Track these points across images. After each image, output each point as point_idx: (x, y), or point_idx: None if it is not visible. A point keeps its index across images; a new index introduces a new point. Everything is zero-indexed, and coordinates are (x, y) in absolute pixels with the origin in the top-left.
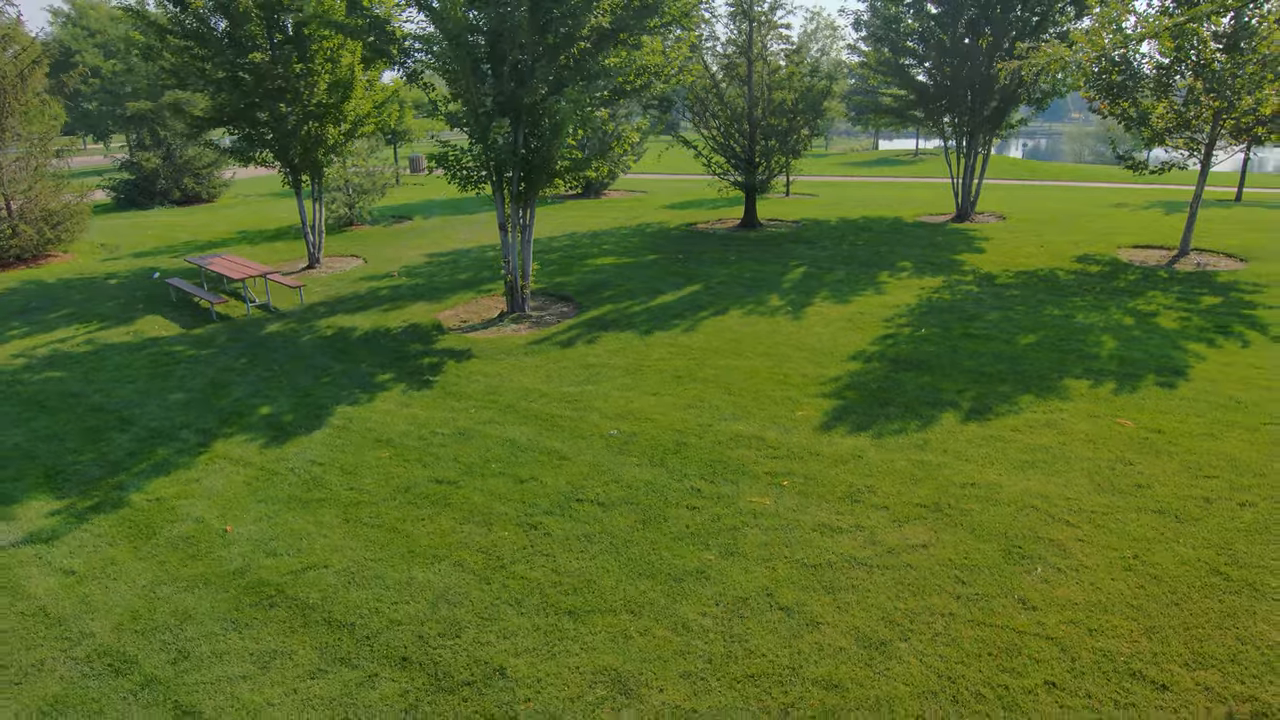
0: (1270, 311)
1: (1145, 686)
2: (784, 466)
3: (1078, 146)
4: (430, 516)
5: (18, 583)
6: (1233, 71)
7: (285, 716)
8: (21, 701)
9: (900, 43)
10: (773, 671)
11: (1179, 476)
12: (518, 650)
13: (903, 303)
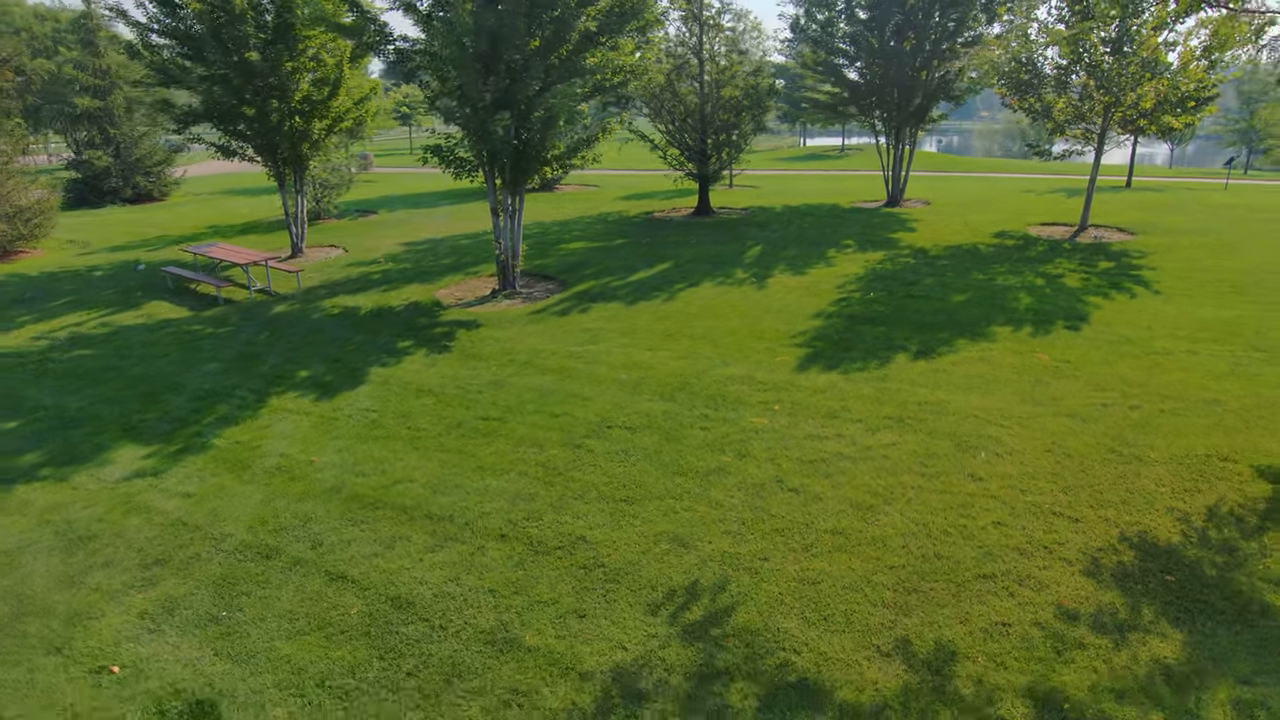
0: (1152, 272)
1: (1064, 521)
2: (773, 396)
3: (986, 142)
4: (486, 443)
5: (146, 504)
6: (1118, 71)
7: (420, 576)
8: (195, 579)
9: (834, 44)
10: (791, 527)
11: (1083, 391)
12: (591, 526)
13: (851, 273)
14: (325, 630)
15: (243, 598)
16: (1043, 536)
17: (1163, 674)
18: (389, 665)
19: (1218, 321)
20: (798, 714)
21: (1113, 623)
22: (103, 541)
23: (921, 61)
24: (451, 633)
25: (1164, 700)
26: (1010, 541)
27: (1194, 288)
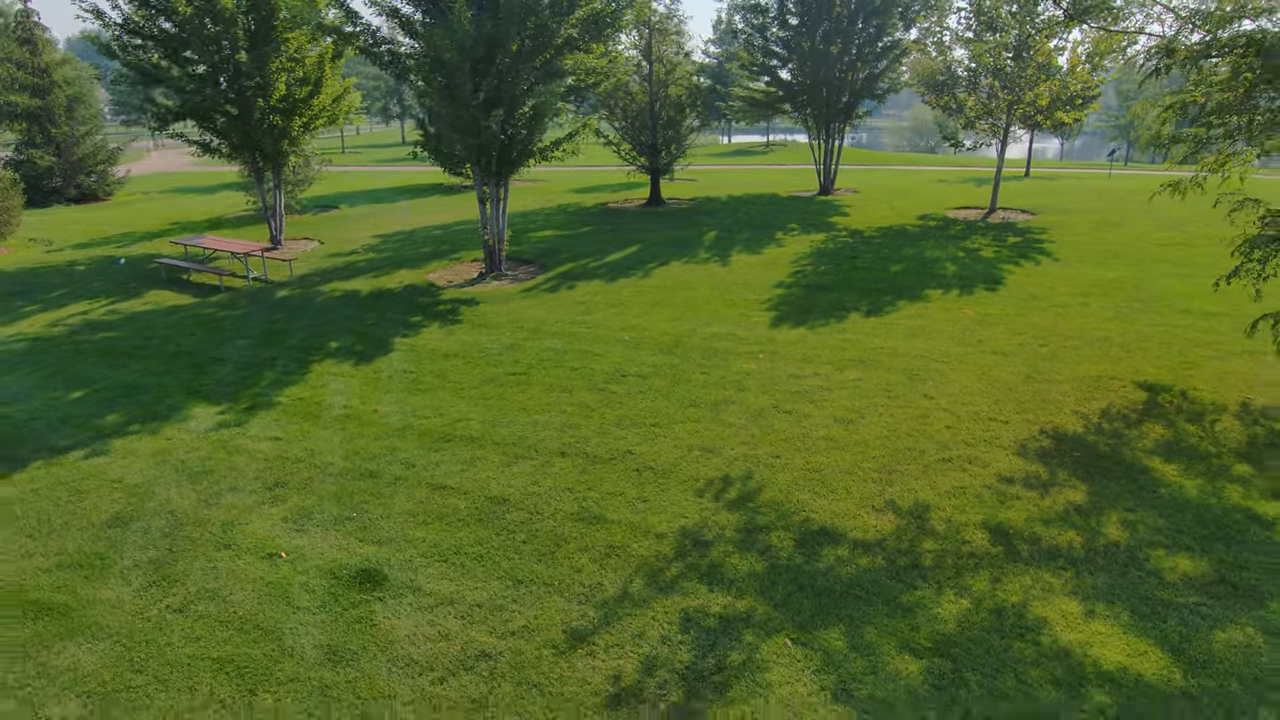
0: (1051, 244)
1: (997, 423)
2: (755, 348)
3: (896, 139)
4: (521, 391)
5: (242, 447)
6: (1018, 73)
7: (505, 482)
8: (316, 495)
9: (769, 47)
10: (792, 437)
11: (1003, 335)
12: (632, 444)
13: (800, 251)
14: (444, 520)
15: (363, 505)
16: (982, 433)
17: (1074, 509)
18: (505, 539)
19: (1104, 280)
20: (824, 547)
21: (1038, 482)
22: (220, 474)
23: (848, 64)
24: (546, 516)
25: (1075, 524)
26: (959, 437)
27: (1084, 255)
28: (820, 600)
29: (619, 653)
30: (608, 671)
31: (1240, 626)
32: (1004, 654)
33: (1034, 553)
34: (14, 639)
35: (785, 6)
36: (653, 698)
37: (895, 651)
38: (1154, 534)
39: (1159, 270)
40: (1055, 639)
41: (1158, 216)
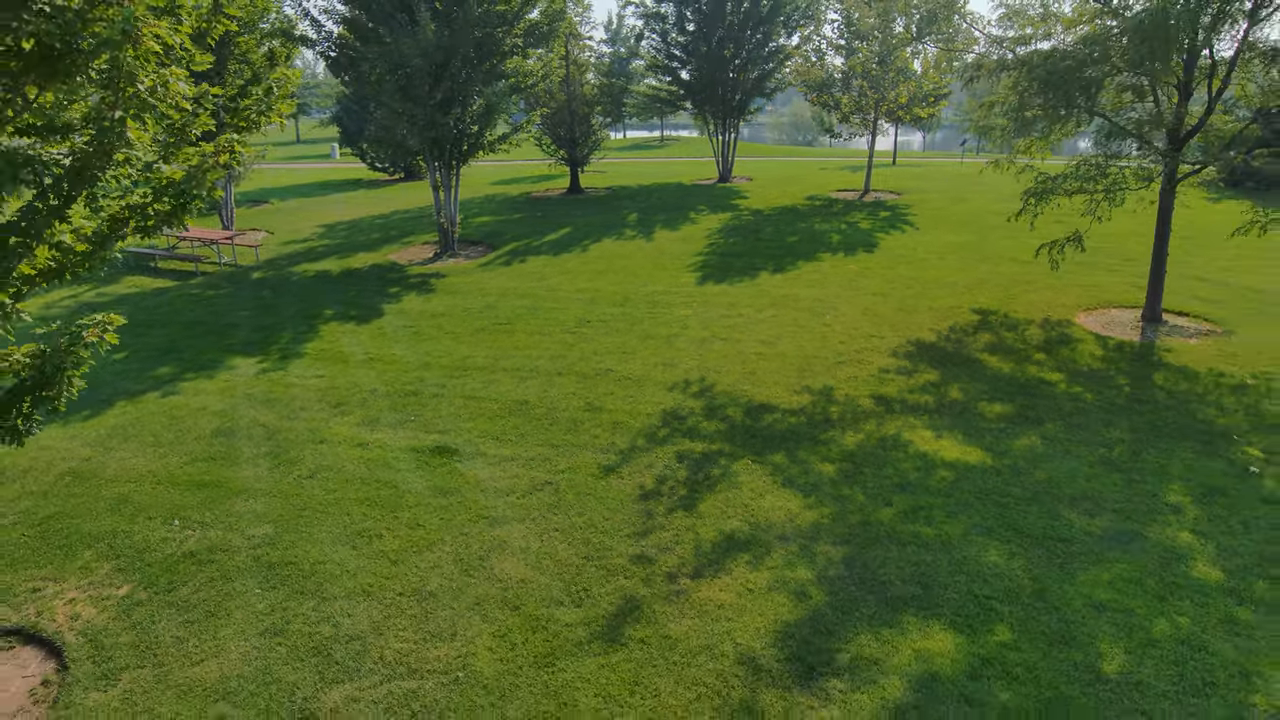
0: (914, 217)
1: (876, 339)
2: (689, 299)
3: (776, 133)
4: (509, 336)
5: (292, 383)
6: (882, 76)
7: (522, 393)
8: (375, 408)
9: (670, 50)
10: (729, 354)
11: (879, 283)
12: (610, 365)
13: (712, 228)
14: (484, 416)
15: (416, 412)
16: (866, 345)
17: (929, 384)
18: (536, 424)
19: (954, 242)
20: (764, 414)
21: (905, 371)
22: (286, 401)
23: (740, 66)
24: (561, 409)
25: (930, 391)
26: (850, 348)
27: (939, 224)
28: (766, 440)
29: (639, 475)
30: (634, 484)
31: (1028, 437)
32: (885, 458)
33: (903, 408)
34: (191, 501)
35: (683, 15)
36: (667, 494)
37: (818, 462)
38: (980, 394)
39: (995, 234)
40: (917, 449)
41: (995, 193)
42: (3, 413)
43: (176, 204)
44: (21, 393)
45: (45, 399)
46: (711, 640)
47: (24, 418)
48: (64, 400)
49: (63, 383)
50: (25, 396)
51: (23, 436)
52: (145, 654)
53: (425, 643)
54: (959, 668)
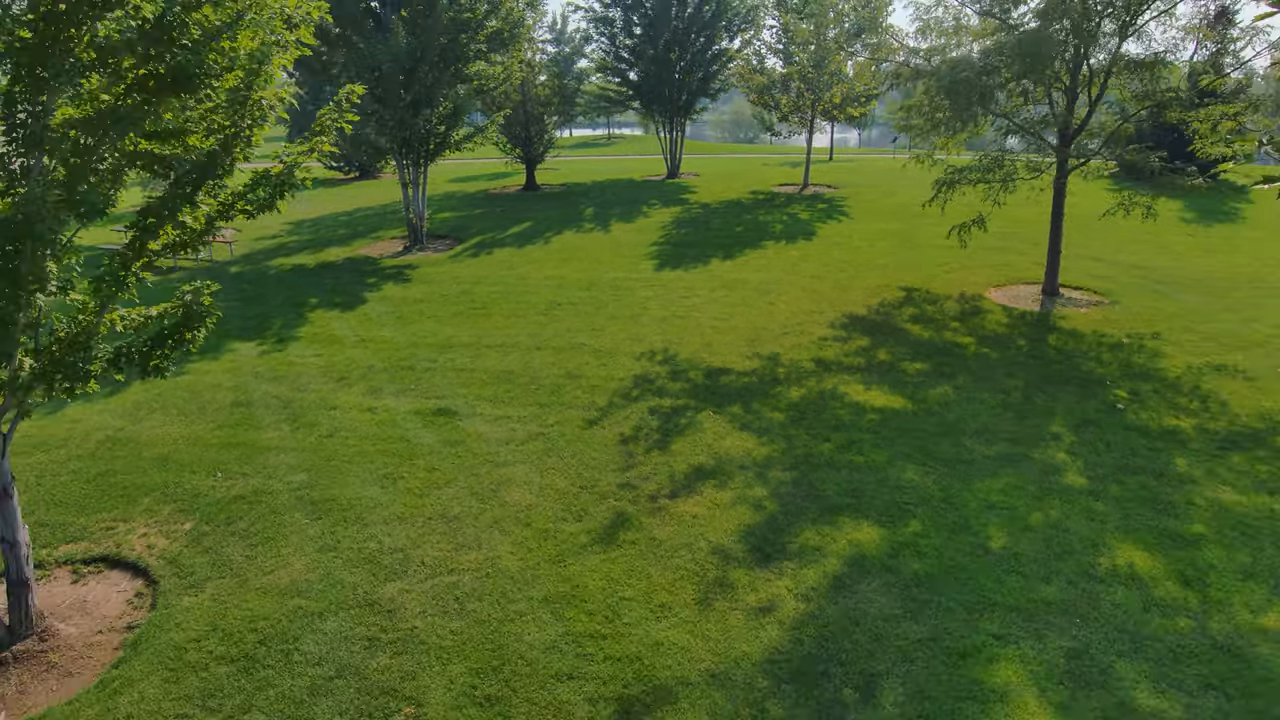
0: (849, 208)
1: (815, 313)
2: (648, 283)
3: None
4: (487, 318)
5: (293, 361)
6: (818, 78)
7: (508, 364)
8: (375, 380)
9: (618, 53)
10: (688, 330)
11: (818, 266)
12: (583, 340)
13: (664, 220)
14: (476, 384)
15: (414, 382)
16: (807, 319)
17: (861, 349)
18: (523, 389)
19: (884, 230)
20: (721, 376)
21: (841, 339)
22: (292, 376)
23: (685, 68)
24: (544, 377)
25: (862, 355)
26: (793, 322)
27: (871, 215)
28: (725, 396)
29: (618, 426)
30: (615, 433)
31: (941, 387)
32: (824, 406)
33: (839, 368)
34: (227, 457)
35: (630, 19)
36: (643, 439)
37: (769, 411)
38: (903, 355)
39: (920, 223)
40: (850, 399)
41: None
42: (151, 352)
43: (273, 192)
44: (165, 337)
45: (184, 341)
46: (689, 540)
47: (165, 357)
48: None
49: (199, 329)
50: (168, 340)
51: (164, 372)
52: (222, 569)
53: (456, 551)
54: (882, 550)
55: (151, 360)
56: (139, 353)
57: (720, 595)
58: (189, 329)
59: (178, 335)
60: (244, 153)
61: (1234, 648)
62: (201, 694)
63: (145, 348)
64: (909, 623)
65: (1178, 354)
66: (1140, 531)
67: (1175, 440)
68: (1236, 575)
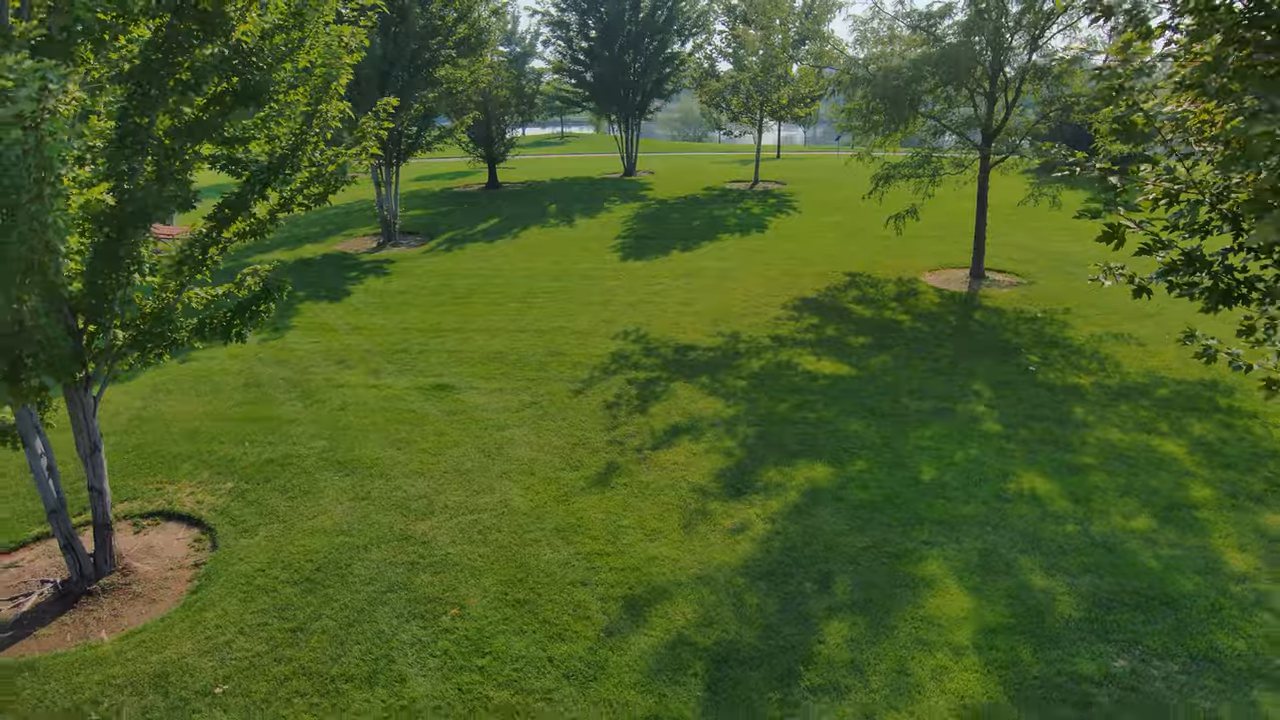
0: (798, 202)
1: (770, 296)
2: (616, 273)
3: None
4: (469, 305)
5: (294, 348)
6: (766, 80)
7: (495, 346)
8: (376, 363)
9: (575, 55)
10: (656, 312)
11: (771, 256)
12: (561, 323)
13: (625, 215)
14: (468, 363)
15: (411, 363)
16: (763, 302)
17: (811, 326)
18: (511, 367)
19: (830, 222)
20: (689, 351)
21: (794, 318)
22: (294, 361)
23: (640, 70)
24: (530, 356)
25: (813, 331)
26: (750, 304)
27: (819, 208)
28: (693, 368)
29: (601, 394)
30: (599, 400)
31: (881, 357)
32: (781, 374)
33: (793, 343)
34: (250, 430)
35: (586, 23)
36: (625, 404)
37: (733, 379)
38: (848, 331)
39: (863, 215)
40: (803, 368)
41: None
42: (231, 321)
43: (327, 188)
44: (243, 308)
45: (258, 312)
46: (672, 481)
47: (244, 325)
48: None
49: (273, 301)
50: (246, 311)
51: (244, 338)
52: (269, 516)
53: (473, 496)
54: (833, 484)
55: (233, 328)
56: (221, 323)
57: (701, 521)
58: (265, 301)
59: (254, 307)
60: (308, 157)
61: (1108, 544)
62: (275, 608)
63: (226, 318)
64: (855, 535)
65: (1083, 325)
66: (1042, 464)
67: (1075, 394)
68: (1116, 493)
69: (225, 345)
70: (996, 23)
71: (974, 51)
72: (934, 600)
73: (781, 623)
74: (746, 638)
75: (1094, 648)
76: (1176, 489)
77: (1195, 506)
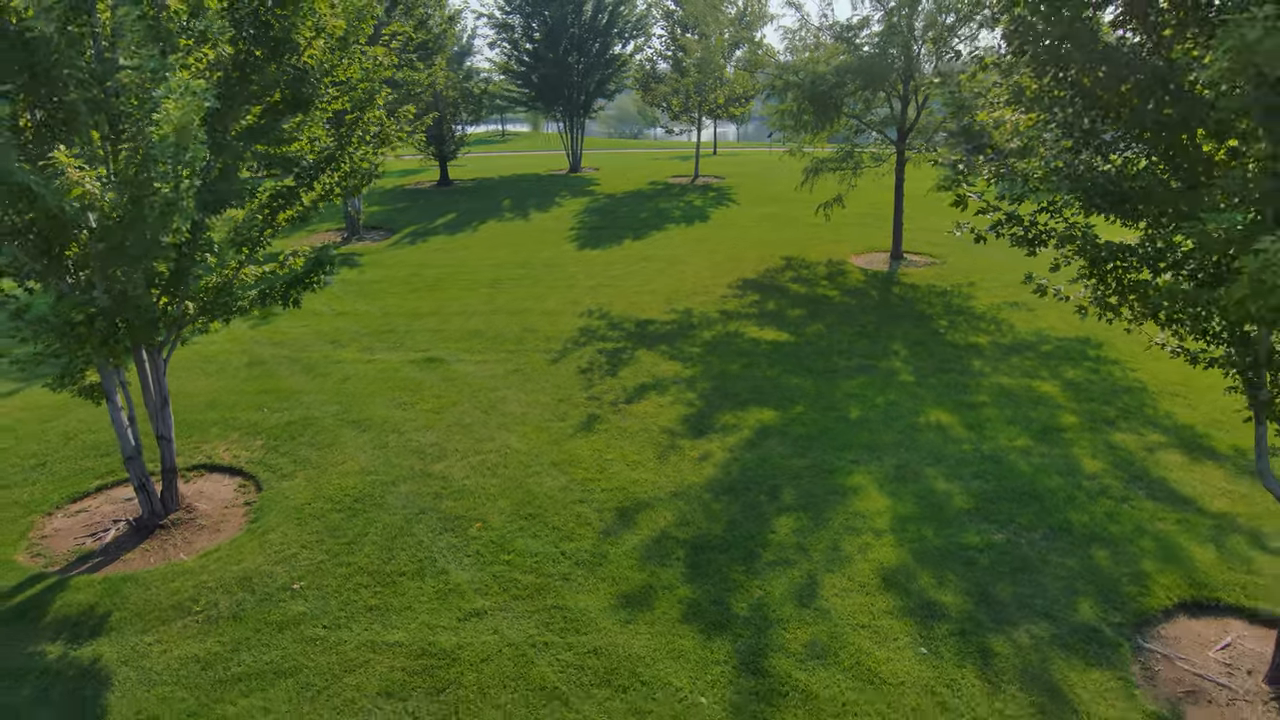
0: (736, 195)
1: (715, 278)
2: (575, 261)
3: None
4: (443, 292)
5: (287, 331)
6: (703, 81)
7: (474, 325)
8: (366, 342)
9: (520, 57)
10: (616, 294)
11: (714, 244)
12: (529, 305)
13: (576, 209)
14: (452, 340)
15: (399, 341)
16: (710, 283)
17: (753, 302)
18: (490, 342)
19: (766, 213)
20: (648, 325)
21: (739, 295)
22: (289, 342)
23: (584, 71)
24: (507, 333)
25: (754, 306)
26: (700, 285)
27: (755, 200)
28: (654, 339)
29: (575, 362)
30: (574, 366)
31: (815, 325)
32: (730, 341)
33: (739, 316)
34: (265, 400)
35: (530, 26)
36: (597, 369)
37: (689, 346)
38: (786, 305)
39: (795, 206)
40: (749, 336)
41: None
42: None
43: (360, 181)
44: (299, 279)
45: (312, 281)
46: (645, 426)
47: (299, 292)
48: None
49: (325, 273)
50: (302, 280)
51: (299, 303)
52: (303, 464)
53: (478, 443)
54: (778, 423)
55: (290, 294)
56: (279, 291)
57: (672, 453)
58: (318, 271)
59: (309, 277)
60: (349, 156)
61: (995, 457)
62: (326, 530)
63: (283, 287)
64: (797, 459)
65: (984, 296)
66: (946, 403)
67: (975, 351)
68: (1002, 422)
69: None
70: (906, 35)
71: (888, 60)
72: (859, 501)
73: (742, 521)
74: (715, 532)
75: (979, 527)
76: (1050, 418)
77: (1063, 430)
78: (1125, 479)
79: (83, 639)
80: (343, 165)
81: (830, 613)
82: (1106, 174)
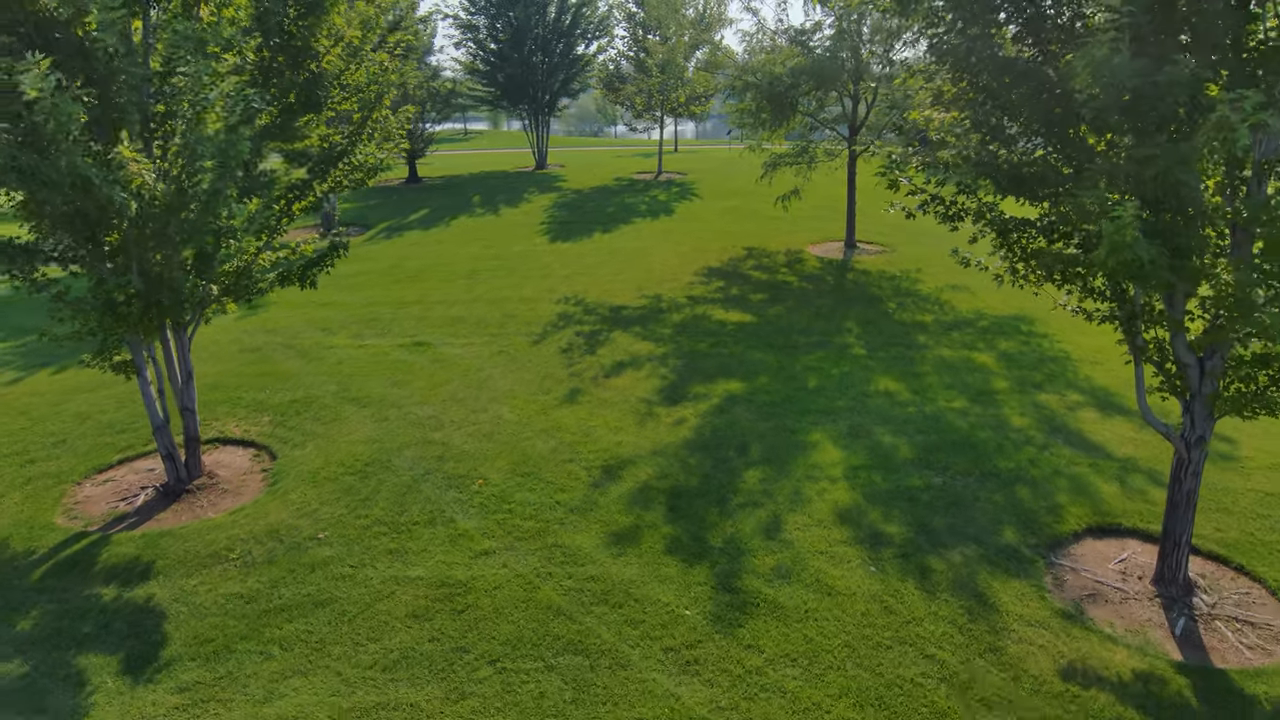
0: (698, 190)
1: (684, 266)
2: (548, 252)
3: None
4: (424, 282)
5: (278, 320)
6: (665, 81)
7: (458, 311)
8: (355, 328)
9: (486, 57)
10: (590, 282)
11: (679, 236)
12: (508, 294)
13: (546, 204)
14: (437, 326)
15: (386, 328)
16: (677, 271)
17: (718, 288)
18: (474, 328)
19: (728, 206)
20: (622, 310)
21: (705, 282)
22: (280, 330)
23: (549, 70)
24: (489, 320)
25: (719, 291)
26: (667, 274)
27: (717, 194)
28: (628, 322)
29: (556, 343)
30: (555, 348)
31: (776, 308)
32: (698, 323)
33: (705, 300)
34: (266, 381)
35: (495, 27)
36: (577, 349)
37: (661, 328)
38: (749, 291)
39: (755, 199)
40: (715, 318)
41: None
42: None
43: (367, 174)
44: (314, 262)
45: (326, 264)
46: (624, 397)
47: (315, 274)
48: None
49: (337, 258)
50: (318, 263)
51: (315, 284)
52: (312, 435)
53: (472, 414)
54: (744, 392)
55: (307, 276)
56: (296, 273)
57: (650, 419)
58: (332, 255)
59: (324, 260)
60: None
61: (935, 417)
62: (341, 490)
63: (300, 270)
64: (762, 422)
65: (930, 280)
66: (894, 373)
67: (920, 328)
68: (943, 388)
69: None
70: (855, 40)
71: (839, 62)
72: (817, 455)
73: (715, 473)
74: (691, 482)
75: (922, 473)
76: (984, 383)
77: (995, 393)
78: (1047, 431)
79: (133, 583)
80: (353, 159)
81: (793, 543)
82: (1010, 161)
